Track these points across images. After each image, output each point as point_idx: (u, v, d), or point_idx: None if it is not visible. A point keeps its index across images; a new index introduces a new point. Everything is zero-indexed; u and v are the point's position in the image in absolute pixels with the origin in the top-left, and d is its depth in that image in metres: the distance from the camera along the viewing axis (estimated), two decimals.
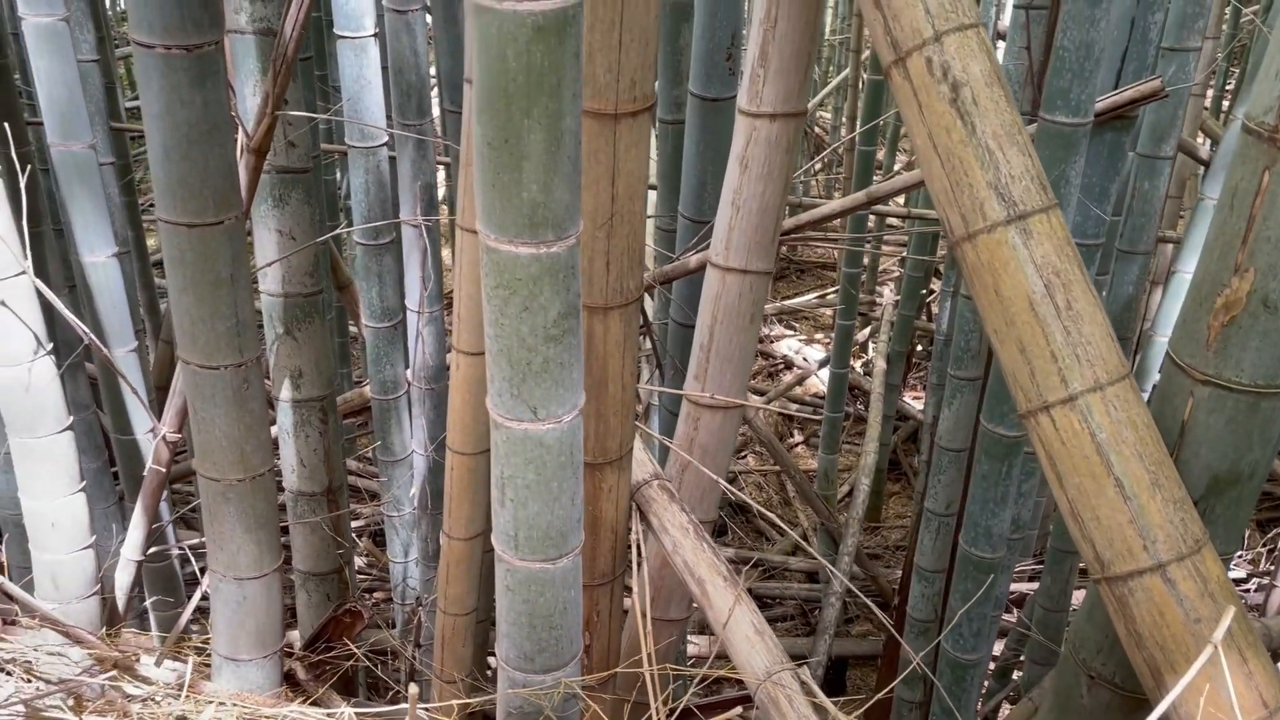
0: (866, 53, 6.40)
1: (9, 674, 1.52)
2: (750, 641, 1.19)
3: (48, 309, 1.94)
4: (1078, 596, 3.33)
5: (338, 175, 4.78)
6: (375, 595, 3.47)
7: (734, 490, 1.55)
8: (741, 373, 1.59)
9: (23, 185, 1.89)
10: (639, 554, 1.37)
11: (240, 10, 1.77)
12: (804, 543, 3.77)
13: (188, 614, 1.99)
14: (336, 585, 2.29)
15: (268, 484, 1.58)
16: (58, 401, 1.97)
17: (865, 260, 4.86)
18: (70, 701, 1.44)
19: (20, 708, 1.53)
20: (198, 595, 2.08)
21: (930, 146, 1.12)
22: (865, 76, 4.51)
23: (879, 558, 4.26)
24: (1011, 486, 2.10)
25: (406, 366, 2.73)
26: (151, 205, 6.13)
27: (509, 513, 1.18)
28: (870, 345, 5.20)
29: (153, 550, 2.23)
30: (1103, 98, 1.87)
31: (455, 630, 1.96)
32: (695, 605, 1.83)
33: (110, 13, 7.30)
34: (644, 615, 1.30)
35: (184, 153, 1.34)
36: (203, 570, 3.03)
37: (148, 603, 2.65)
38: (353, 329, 4.35)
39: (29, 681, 1.63)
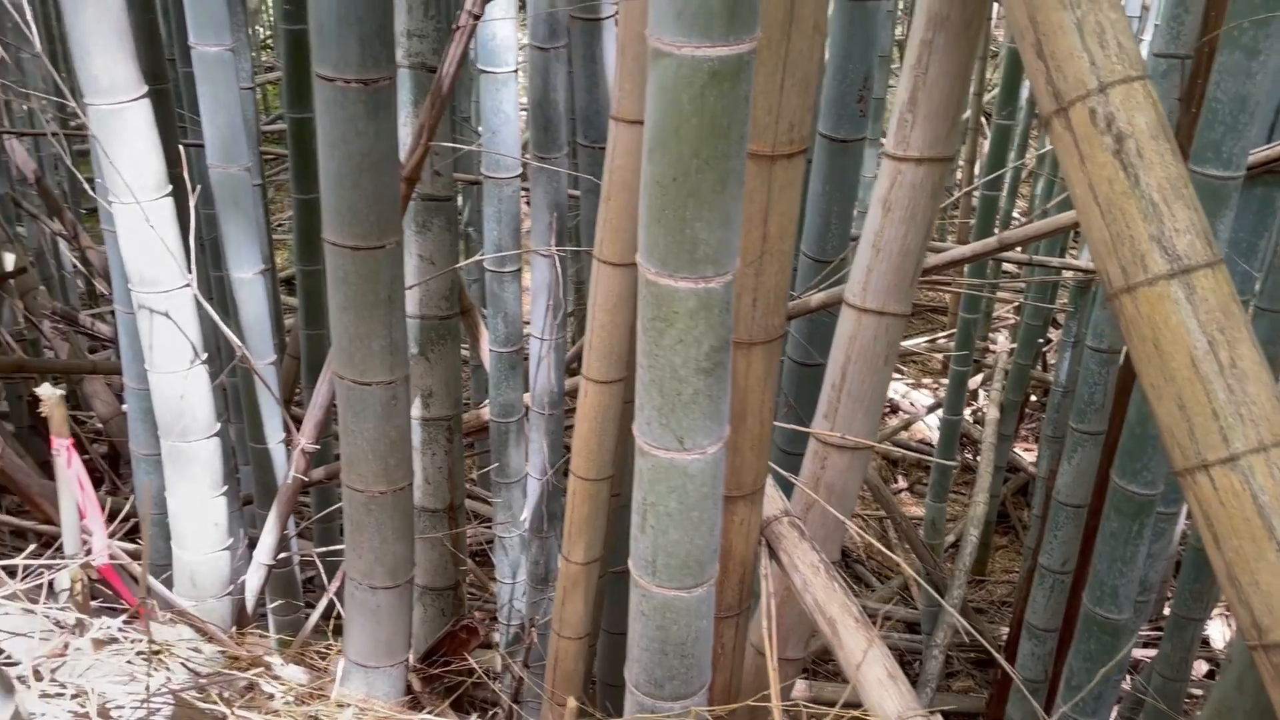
0: (989, 95, 6.34)
1: (162, 663, 1.61)
2: (883, 685, 1.19)
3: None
4: (1198, 667, 3.19)
5: (458, 202, 4.93)
6: (477, 614, 3.53)
7: (860, 531, 1.55)
8: (872, 414, 1.59)
9: (192, 204, 2.01)
10: (769, 591, 1.38)
11: (397, 46, 1.87)
12: (924, 584, 3.70)
13: (314, 619, 2.07)
14: (451, 601, 2.35)
15: (407, 498, 1.64)
16: (208, 409, 2.08)
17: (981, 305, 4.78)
18: (221, 695, 1.52)
19: (165, 696, 1.61)
20: (324, 601, 2.16)
21: (1090, 197, 1.11)
22: (991, 120, 4.46)
23: (984, 612, 4.15)
24: (1142, 546, 2.04)
25: (525, 391, 2.79)
26: (279, 225, 6.40)
27: (649, 539, 1.21)
28: (983, 393, 5.10)
29: (280, 556, 2.33)
30: (1255, 151, 1.83)
31: (568, 653, 1.99)
32: (811, 645, 1.83)
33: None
34: (772, 651, 1.31)
35: (354, 180, 1.42)
36: (310, 579, 3.14)
37: (269, 606, 2.76)
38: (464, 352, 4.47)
39: (161, 671, 1.72)
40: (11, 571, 1.76)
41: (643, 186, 1.06)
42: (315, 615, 2.02)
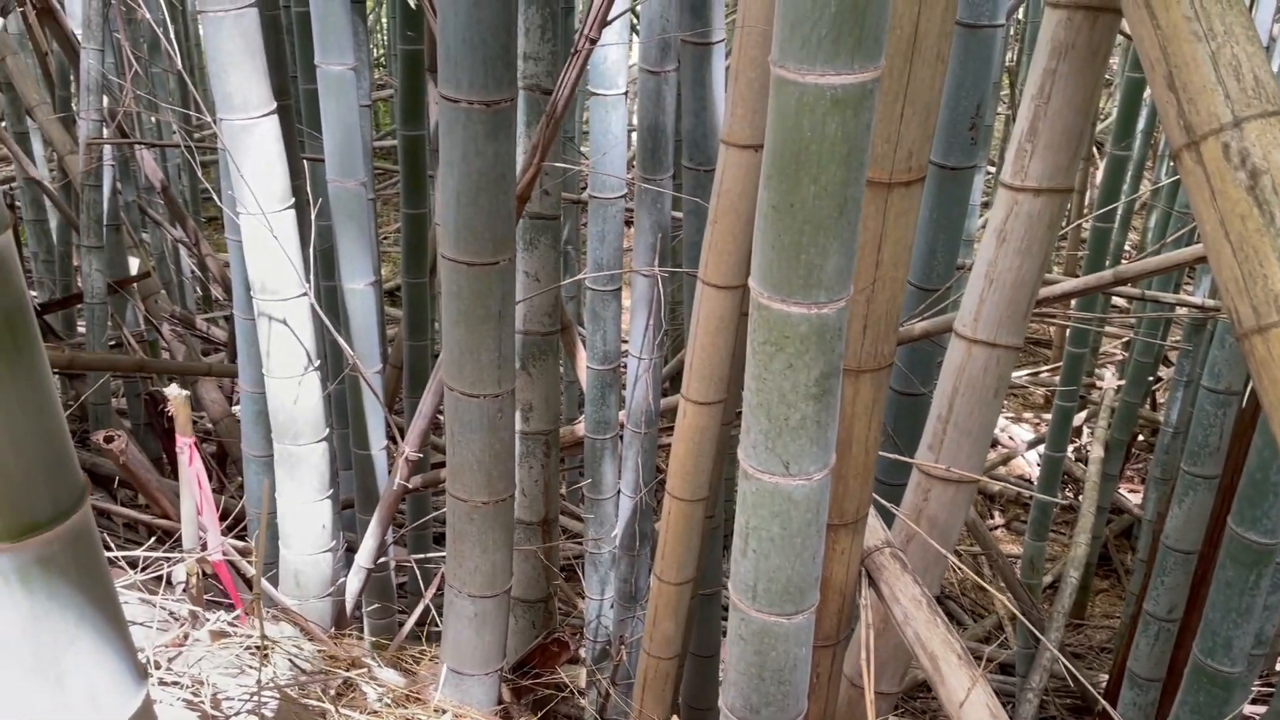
0: (1103, 124, 6.17)
1: (268, 659, 1.66)
2: None
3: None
4: None
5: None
6: (567, 629, 3.55)
7: (961, 566, 1.51)
8: (979, 448, 1.56)
9: (312, 216, 2.10)
10: (867, 622, 1.36)
11: None
12: (1026, 623, 3.60)
13: (410, 624, 2.11)
14: (542, 614, 2.38)
15: (508, 509, 1.67)
16: (319, 414, 2.16)
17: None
18: (324, 692, 1.56)
19: (266, 691, 1.67)
20: (420, 607, 2.20)
21: (1220, 233, 1.08)
22: (1104, 150, 4.34)
23: (1081, 657, 4.01)
24: (1259, 597, 1.95)
25: (620, 409, 2.82)
26: (384, 239, 6.58)
27: (750, 564, 1.20)
28: (1087, 430, 4.94)
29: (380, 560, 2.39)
30: None
31: (658, 673, 1.99)
32: (906, 680, 1.79)
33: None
34: (869, 683, 1.29)
35: (473, 198, 1.46)
36: (403, 584, 3.20)
37: (365, 609, 2.83)
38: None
39: (268, 666, 1.78)
40: (133, 563, 1.84)
41: (759, 211, 1.07)
42: (411, 620, 2.07)
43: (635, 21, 3.15)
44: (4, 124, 4.51)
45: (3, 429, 0.70)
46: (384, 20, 8.76)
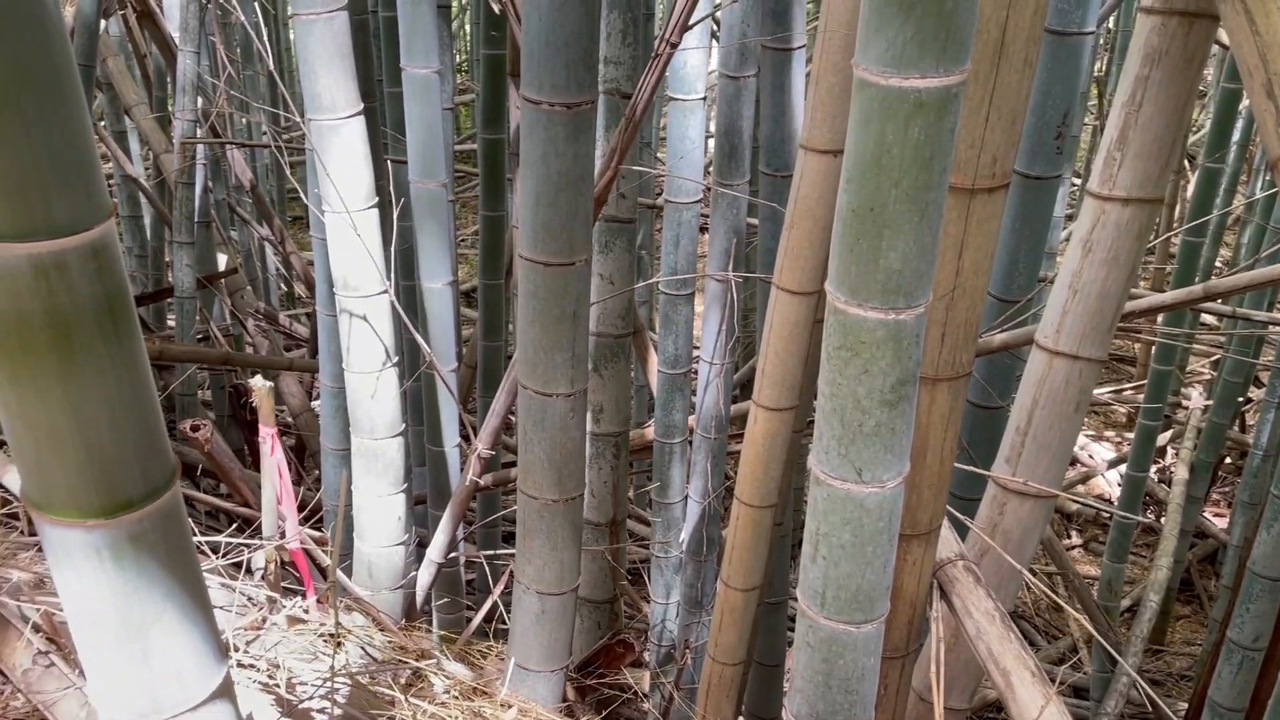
0: (1195, 136, 5.98)
1: (340, 646, 1.70)
2: None
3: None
4: None
5: None
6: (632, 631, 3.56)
7: (1036, 583, 1.48)
8: (1058, 462, 1.53)
9: (394, 216, 2.14)
10: (938, 635, 1.34)
11: None
12: (1105, 645, 3.51)
13: (478, 619, 2.14)
14: (608, 615, 2.39)
15: (577, 508, 1.69)
16: (396, 409, 2.20)
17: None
18: (394, 681, 1.59)
19: (336, 679, 1.70)
20: (488, 603, 2.23)
21: None
22: (1196, 162, 4.21)
23: (1160, 685, 3.88)
24: None
25: (690, 414, 2.82)
26: (462, 240, 6.67)
27: (819, 570, 1.19)
28: (1171, 450, 4.79)
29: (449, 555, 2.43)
30: None
31: (722, 679, 1.98)
32: (977, 698, 1.76)
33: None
34: (939, 697, 1.27)
35: (551, 199, 1.48)
36: (471, 580, 3.24)
37: (434, 604, 2.87)
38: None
39: (341, 653, 1.81)
40: (214, 548, 1.90)
41: (837, 214, 1.06)
42: (479, 616, 2.10)
43: (716, 27, 3.15)
44: (103, 123, 4.70)
45: (101, 410, 0.73)
46: (467, 26, 8.90)
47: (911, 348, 1.09)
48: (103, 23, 3.87)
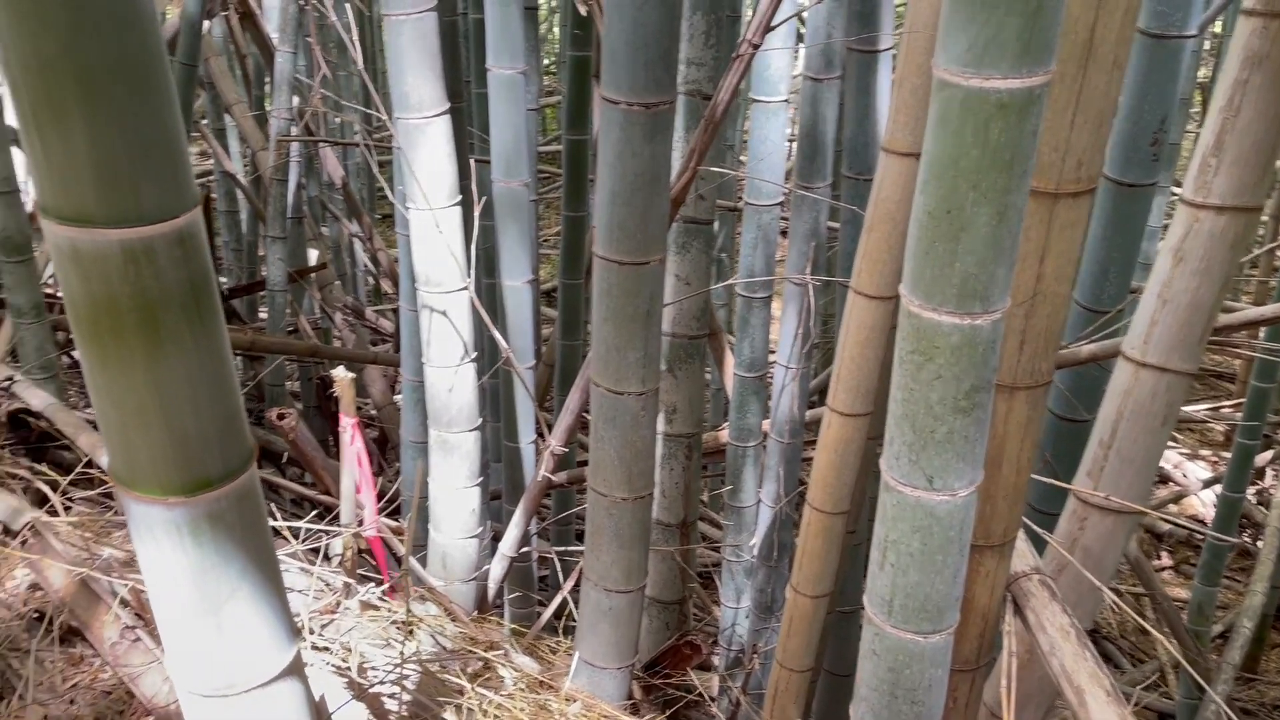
0: None
1: (412, 633, 1.74)
2: None
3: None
4: None
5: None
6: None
7: (1119, 602, 1.43)
8: (1143, 477, 1.48)
9: (476, 215, 2.18)
10: (1010, 650, 1.31)
11: None
12: (1191, 671, 3.38)
13: (548, 614, 2.16)
14: (676, 616, 2.39)
15: (646, 507, 1.69)
16: (474, 404, 2.23)
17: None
18: (463, 670, 1.62)
19: (406, 667, 1.74)
20: (558, 599, 2.25)
21: None
22: None
23: (1252, 715, 3.72)
24: None
25: (765, 417, 2.80)
26: (544, 240, 6.73)
27: (887, 577, 1.18)
28: (1271, 472, 4.58)
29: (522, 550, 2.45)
30: None
31: (789, 685, 1.97)
32: (1050, 718, 1.71)
33: None
34: (1009, 713, 1.24)
35: (627, 198, 1.49)
36: (543, 577, 3.27)
37: (505, 597, 2.91)
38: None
39: (412, 641, 1.85)
40: (294, 533, 1.96)
41: (913, 217, 1.05)
42: (549, 611, 2.12)
43: (800, 29, 3.13)
44: (205, 120, 4.88)
45: (184, 391, 0.76)
46: (555, 29, 9.00)
47: (987, 354, 1.07)
48: (206, 23, 4.02)
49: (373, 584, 1.85)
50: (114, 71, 0.66)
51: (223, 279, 4.93)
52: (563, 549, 2.71)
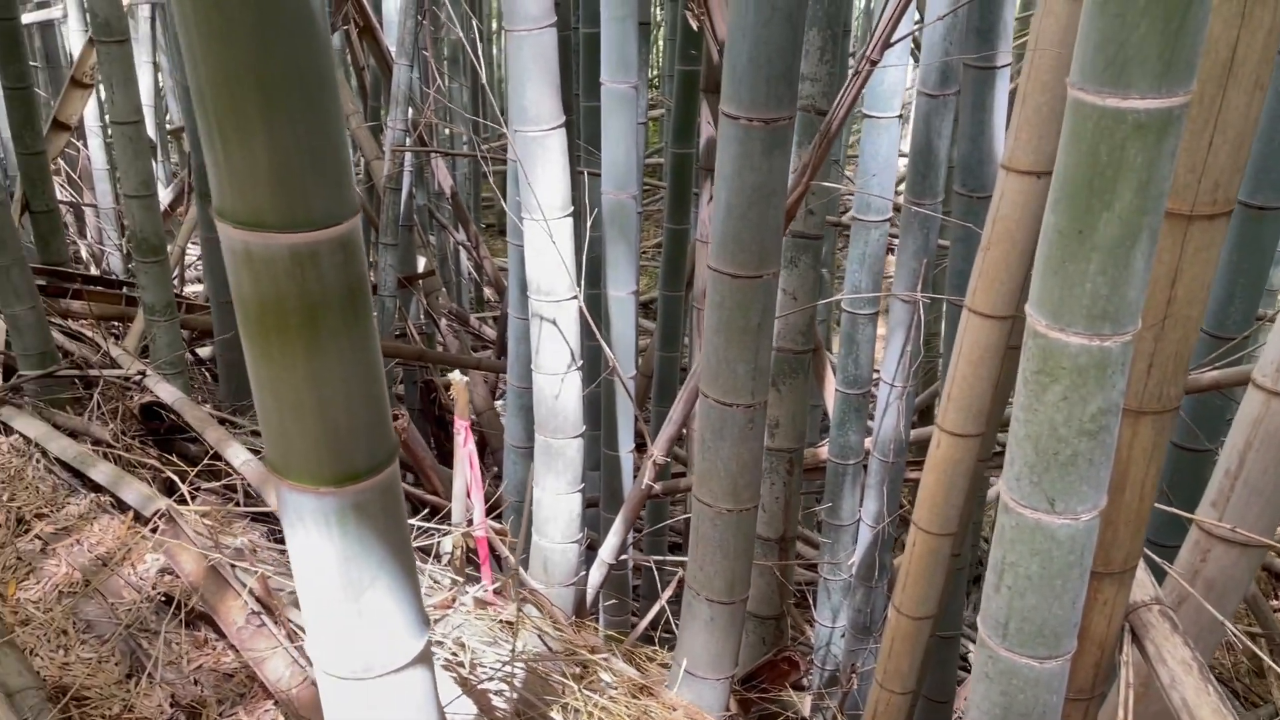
0: None
1: (519, 633, 1.78)
2: None
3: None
4: None
5: None
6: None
7: (1243, 638, 1.38)
8: (1271, 510, 1.43)
9: (588, 224, 2.22)
10: (1127, 681, 1.28)
11: None
12: None
13: (645, 621, 2.18)
14: (773, 631, 2.38)
15: (751, 519, 1.70)
16: (578, 411, 2.27)
17: None
18: (567, 672, 1.65)
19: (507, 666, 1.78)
20: (656, 607, 2.27)
21: None
22: None
23: None
24: None
25: (867, 435, 2.78)
26: (643, 253, 6.77)
27: (1003, 600, 1.16)
28: None
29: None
30: None
31: (889, 706, 1.95)
32: None
33: None
34: None
35: (743, 212, 1.51)
36: (636, 587, 3.29)
37: (601, 603, 2.94)
38: None
39: (518, 641, 1.89)
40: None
41: (1043, 235, 1.04)
42: (647, 618, 2.14)
43: (914, 45, 3.10)
44: None
45: (339, 387, 0.80)
46: (660, 43, 9.07)
47: (1116, 376, 1.05)
48: None
49: (477, 584, 1.90)
50: (293, 85, 0.71)
51: None
52: (660, 558, 2.73)
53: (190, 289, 4.77)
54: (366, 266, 0.82)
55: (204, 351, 3.92)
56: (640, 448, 3.04)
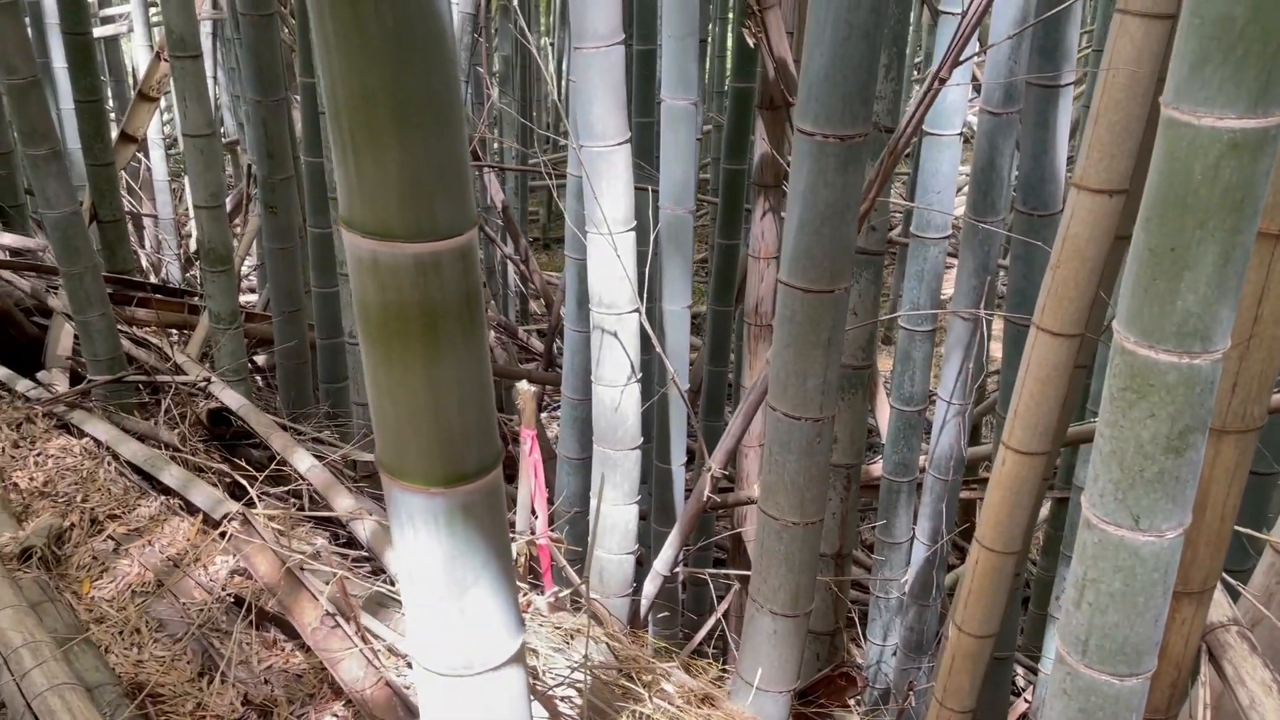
0: None
1: (572, 643, 1.80)
2: None
3: None
4: None
5: None
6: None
7: None
8: None
9: (652, 239, 2.24)
10: (1205, 701, 1.27)
11: None
12: None
13: (701, 633, 2.19)
14: (828, 647, 2.38)
15: (816, 533, 1.71)
16: (636, 423, 2.29)
17: None
18: (632, 678, 1.67)
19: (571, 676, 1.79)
20: (712, 620, 2.28)
21: None
22: None
23: None
24: None
25: (921, 452, 2.77)
26: None
27: (1083, 616, 1.17)
28: None
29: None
30: None
31: None
32: None
33: None
34: None
35: (816, 228, 1.52)
36: (682, 601, 3.30)
37: (652, 615, 2.95)
38: None
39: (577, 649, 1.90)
40: None
41: (1132, 253, 1.04)
42: (703, 630, 2.15)
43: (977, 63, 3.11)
44: None
45: (453, 392, 0.83)
46: (708, 60, 9.12)
47: (1205, 395, 1.05)
48: None
49: (554, 590, 1.92)
50: (424, 103, 0.74)
51: None
52: (715, 571, 2.74)
53: (242, 298, 4.86)
54: (479, 273, 0.84)
55: (258, 359, 3.99)
56: (692, 459, 3.05)
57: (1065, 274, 1.64)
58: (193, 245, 4.92)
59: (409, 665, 1.71)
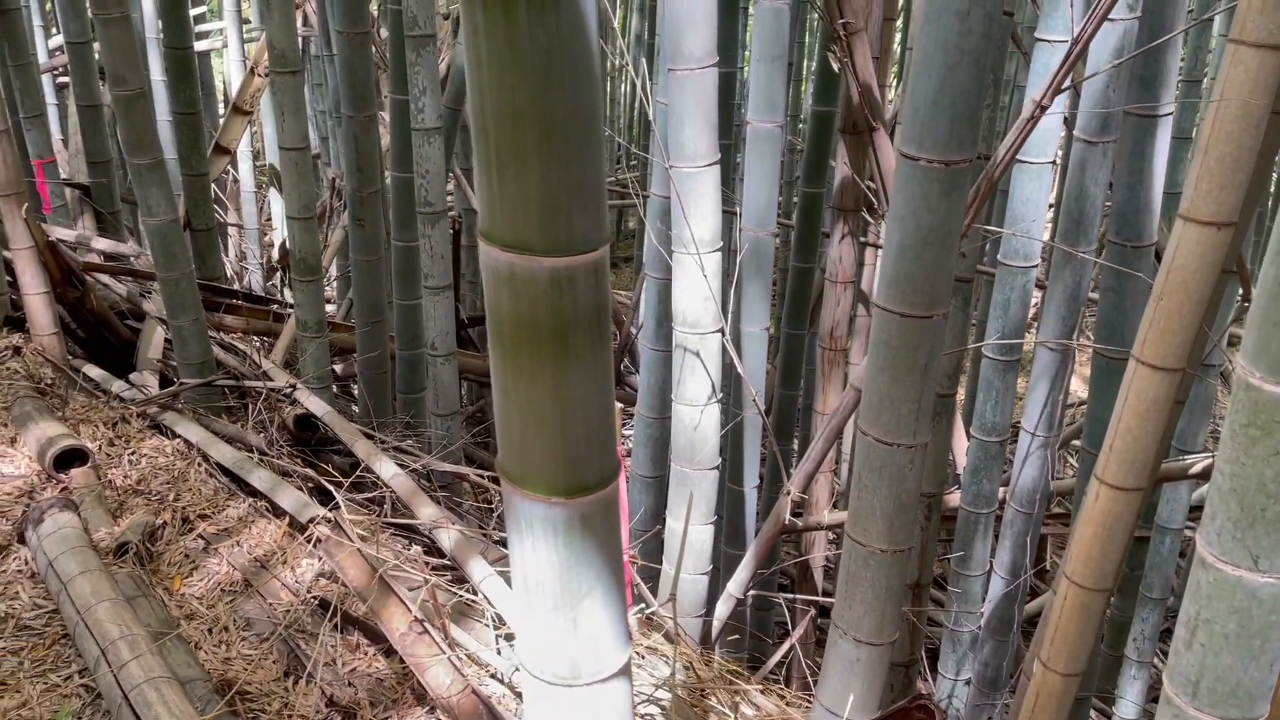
0: None
1: (666, 660, 1.79)
2: None
3: None
4: None
5: None
6: None
7: None
8: None
9: (739, 260, 2.25)
10: None
11: None
12: None
13: (777, 657, 2.17)
14: (903, 678, 2.34)
15: (904, 561, 1.69)
16: (715, 443, 2.29)
17: None
18: (711, 698, 1.66)
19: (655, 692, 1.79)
20: (787, 644, 2.26)
21: None
22: None
23: None
24: None
25: (1002, 484, 2.72)
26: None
27: (1195, 657, 1.14)
28: None
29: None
30: None
31: None
32: None
33: None
34: None
35: (917, 253, 1.51)
36: (772, 624, 3.27)
37: (722, 637, 2.93)
38: None
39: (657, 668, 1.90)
40: None
41: (1260, 286, 1.02)
42: (778, 654, 2.13)
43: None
44: (454, 161, 5.22)
45: (579, 404, 0.84)
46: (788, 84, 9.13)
47: None
48: None
49: (639, 607, 1.92)
50: (569, 121, 0.76)
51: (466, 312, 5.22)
52: (790, 596, 2.72)
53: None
54: (610, 291, 0.85)
55: (336, 368, 4.07)
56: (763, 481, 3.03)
57: (1168, 307, 1.61)
58: (274, 255, 5.04)
59: (492, 675, 1.73)
